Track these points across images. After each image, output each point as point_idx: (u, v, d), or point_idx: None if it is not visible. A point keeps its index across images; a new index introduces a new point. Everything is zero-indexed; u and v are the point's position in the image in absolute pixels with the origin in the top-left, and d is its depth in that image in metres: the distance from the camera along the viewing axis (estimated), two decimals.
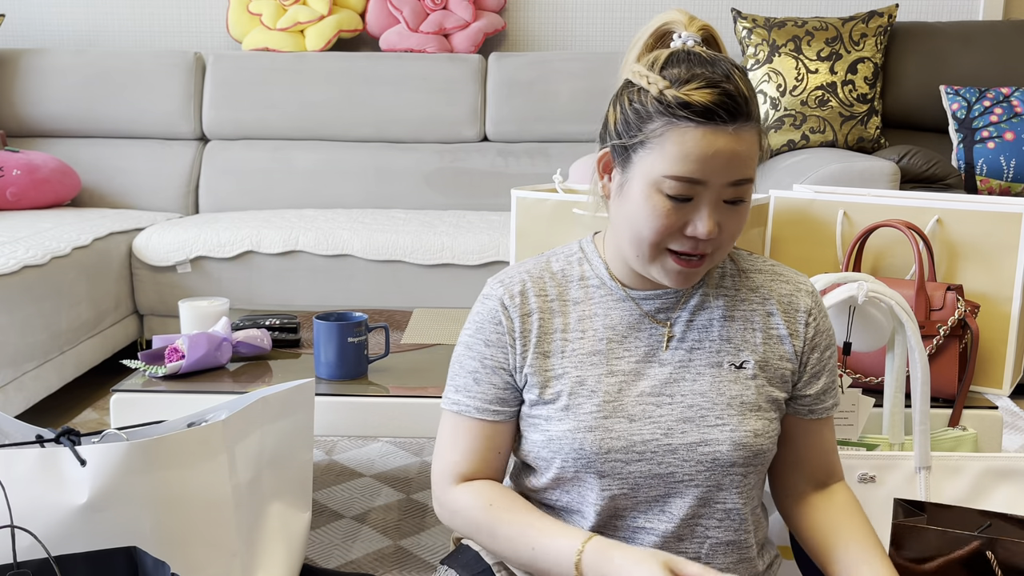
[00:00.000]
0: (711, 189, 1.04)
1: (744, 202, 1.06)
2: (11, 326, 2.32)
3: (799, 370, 1.16)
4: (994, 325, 1.71)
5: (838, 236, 1.82)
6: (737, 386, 1.12)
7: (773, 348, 1.14)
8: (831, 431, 1.21)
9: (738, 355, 1.13)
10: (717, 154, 1.02)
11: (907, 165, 2.87)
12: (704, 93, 1.01)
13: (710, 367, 1.12)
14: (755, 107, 1.06)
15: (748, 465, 1.11)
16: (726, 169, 1.03)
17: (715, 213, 1.05)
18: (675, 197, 1.04)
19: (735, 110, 1.02)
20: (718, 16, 3.67)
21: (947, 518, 1.20)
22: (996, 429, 1.63)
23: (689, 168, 1.02)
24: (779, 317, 1.15)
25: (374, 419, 1.71)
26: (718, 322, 1.14)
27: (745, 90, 1.04)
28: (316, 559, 1.84)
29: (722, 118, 1.01)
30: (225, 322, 1.84)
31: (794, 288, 1.16)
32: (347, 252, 2.85)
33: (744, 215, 1.07)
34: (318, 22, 3.52)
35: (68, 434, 1.29)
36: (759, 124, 1.07)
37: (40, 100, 3.48)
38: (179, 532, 1.29)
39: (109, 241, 2.84)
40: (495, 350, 1.15)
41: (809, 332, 1.16)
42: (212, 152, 3.50)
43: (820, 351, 1.17)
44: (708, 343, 1.13)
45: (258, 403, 1.42)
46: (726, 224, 1.06)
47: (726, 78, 1.03)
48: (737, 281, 1.16)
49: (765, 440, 1.12)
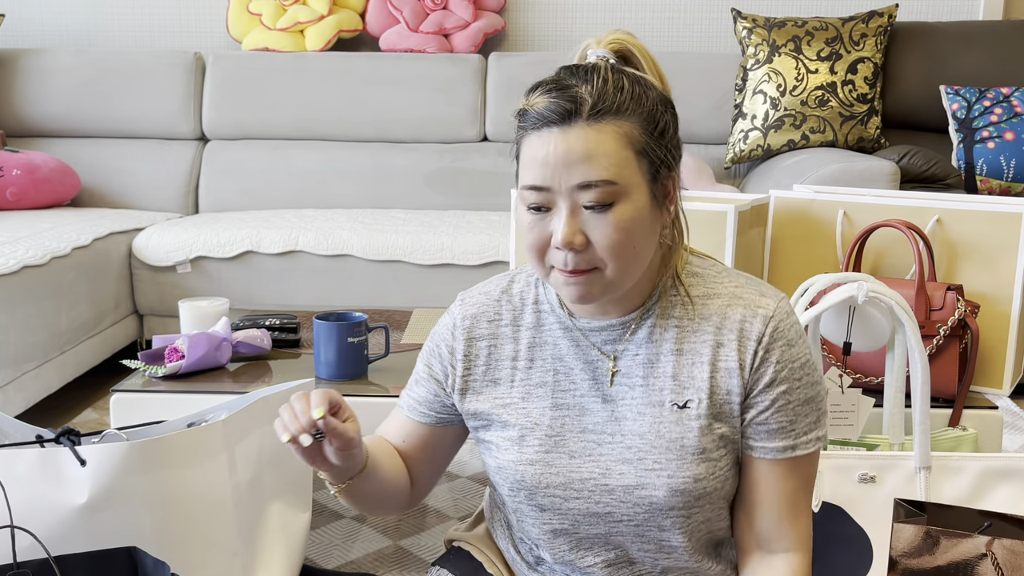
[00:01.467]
0: (561, 195, 0.99)
1: (611, 206, 0.98)
2: (11, 326, 2.32)
3: (743, 402, 1.06)
4: (994, 325, 1.71)
5: (838, 236, 1.82)
6: (679, 428, 1.05)
7: (721, 382, 1.06)
8: (785, 483, 1.07)
9: (682, 394, 1.06)
10: (551, 156, 0.98)
11: (907, 165, 2.87)
12: (540, 99, 1.00)
13: (651, 406, 1.06)
14: (618, 103, 0.99)
15: (690, 507, 1.06)
16: (566, 172, 0.98)
17: (573, 221, 0.99)
18: (532, 207, 1.01)
19: (567, 111, 0.98)
20: (718, 16, 3.67)
21: (947, 518, 1.20)
22: (996, 429, 1.63)
23: (532, 175, 1.00)
24: (730, 347, 1.05)
25: (374, 419, 1.70)
26: (665, 356, 1.07)
27: (597, 90, 0.99)
28: (316, 559, 1.84)
29: (553, 120, 0.99)
30: (225, 322, 1.84)
31: (750, 314, 1.05)
32: (347, 252, 2.85)
33: (620, 223, 0.99)
34: (318, 22, 3.52)
35: (68, 434, 1.29)
36: (633, 119, 1.00)
37: (40, 100, 3.47)
38: (179, 532, 1.29)
39: (109, 241, 2.84)
40: (436, 363, 1.17)
41: (756, 362, 1.05)
42: (212, 152, 3.50)
43: (771, 384, 1.05)
44: (652, 379, 1.07)
45: (258, 403, 1.42)
46: (594, 232, 0.99)
47: (577, 83, 1.00)
48: (690, 310, 1.08)
49: (710, 482, 1.06)
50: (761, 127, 3.18)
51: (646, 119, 1.01)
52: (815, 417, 1.08)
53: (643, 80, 1.03)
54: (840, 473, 1.43)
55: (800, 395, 1.06)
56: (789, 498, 1.08)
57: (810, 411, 1.07)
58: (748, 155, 3.22)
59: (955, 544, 1.14)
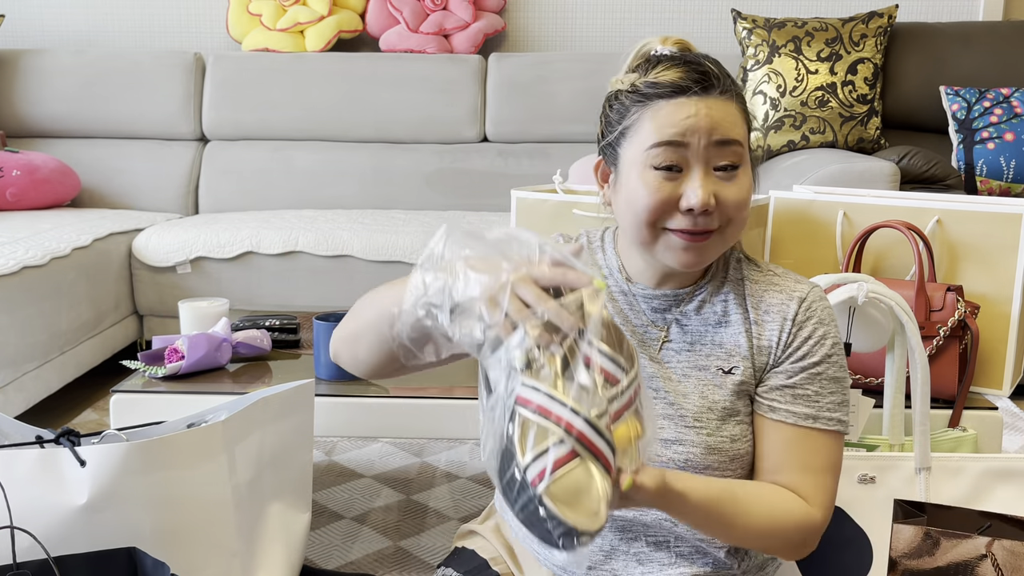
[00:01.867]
0: (696, 153, 1.04)
1: (737, 169, 1.06)
2: (11, 327, 2.32)
3: (769, 371, 1.12)
4: (994, 326, 1.71)
5: (838, 237, 1.82)
6: (722, 391, 1.11)
7: (757, 358, 1.12)
8: (804, 452, 1.09)
9: (728, 360, 1.11)
10: (692, 117, 1.04)
11: (907, 166, 2.87)
12: (672, 72, 1.06)
13: (696, 370, 1.12)
14: (733, 86, 1.07)
15: (724, 469, 1.10)
16: (706, 129, 1.04)
17: (707, 182, 1.05)
18: (663, 167, 1.05)
19: (706, 83, 1.05)
20: (718, 16, 3.67)
21: (947, 519, 1.20)
22: (996, 430, 1.63)
23: (668, 132, 1.04)
24: (767, 326, 1.12)
25: (374, 420, 1.71)
26: (712, 328, 1.13)
27: (718, 70, 1.06)
28: (316, 560, 1.84)
29: (693, 90, 1.04)
30: (225, 323, 1.84)
31: (786, 297, 1.12)
32: (347, 253, 2.85)
33: (742, 186, 1.07)
34: (318, 23, 3.52)
35: (68, 435, 1.29)
36: (740, 101, 1.08)
37: (40, 100, 3.47)
38: (179, 532, 1.29)
39: (109, 242, 2.84)
40: None
41: (789, 338, 1.11)
42: (212, 152, 3.50)
43: (801, 356, 1.10)
44: (700, 347, 1.13)
45: (258, 404, 1.42)
46: (722, 195, 1.05)
47: (696, 61, 1.07)
48: (735, 288, 1.15)
49: (742, 444, 1.11)
50: (761, 128, 3.18)
51: (744, 104, 1.10)
52: (840, 399, 1.11)
53: None
54: (840, 474, 1.43)
55: (828, 372, 1.11)
56: (809, 467, 1.09)
57: (835, 390, 1.11)
58: None
59: (955, 545, 1.14)
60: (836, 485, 1.11)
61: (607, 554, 1.15)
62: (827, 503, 1.09)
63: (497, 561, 1.23)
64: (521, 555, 1.22)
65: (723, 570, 1.14)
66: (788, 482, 1.09)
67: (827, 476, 1.10)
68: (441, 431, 1.71)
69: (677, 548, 1.13)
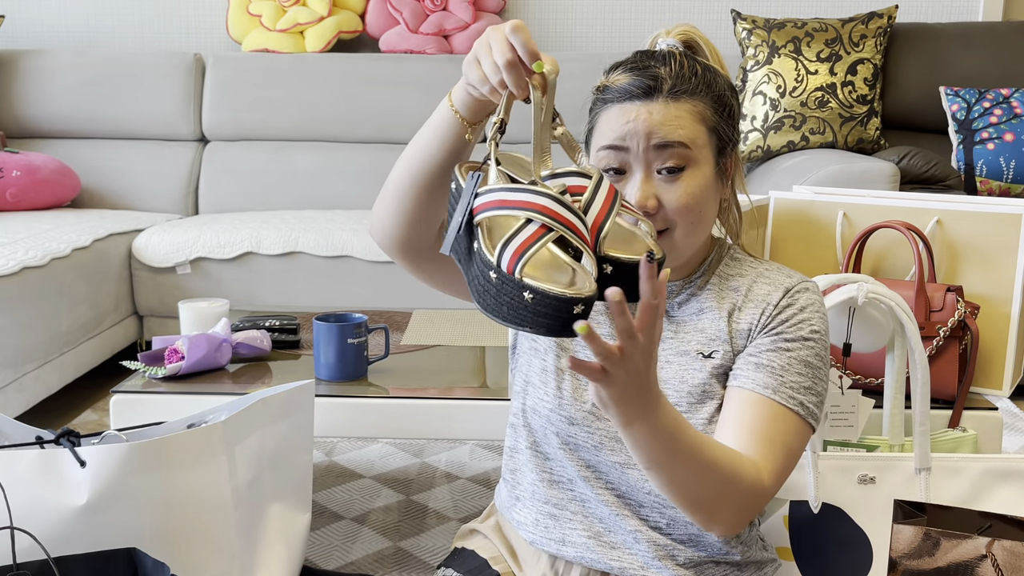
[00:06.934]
0: (636, 156, 1.08)
1: (682, 171, 1.09)
2: (11, 327, 2.32)
3: (745, 347, 1.13)
4: (994, 326, 1.71)
5: (838, 237, 1.82)
6: (700, 374, 1.13)
7: (737, 341, 1.14)
8: (759, 419, 1.07)
9: (708, 345, 1.14)
10: (632, 121, 1.08)
11: (907, 166, 2.87)
12: (623, 77, 1.11)
13: (678, 355, 1.14)
14: (696, 87, 1.09)
15: None
16: (644, 132, 1.08)
17: (646, 185, 1.08)
18: (609, 170, 1.10)
19: (650, 87, 1.09)
20: (718, 17, 3.68)
21: (947, 519, 1.20)
22: (996, 430, 1.63)
23: (609, 137, 1.10)
24: (749, 311, 1.14)
25: (374, 420, 1.71)
26: (695, 316, 1.16)
27: (676, 72, 1.09)
28: (316, 560, 1.84)
29: (636, 94, 1.09)
30: (225, 323, 1.84)
31: (772, 288, 1.14)
32: (347, 253, 2.85)
33: (688, 187, 1.09)
34: (318, 23, 3.52)
35: (68, 435, 1.29)
36: (709, 102, 1.10)
37: (40, 101, 3.47)
38: (179, 533, 1.29)
39: (109, 242, 2.84)
40: None
41: (767, 319, 1.12)
42: (212, 153, 3.50)
43: (774, 331, 1.11)
44: (682, 334, 1.16)
45: (258, 404, 1.42)
46: (665, 197, 1.09)
47: (657, 64, 1.10)
48: (725, 281, 1.18)
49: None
50: (761, 128, 3.18)
51: (716, 101, 1.11)
52: (807, 384, 1.09)
53: (712, 68, 1.13)
54: (840, 474, 1.43)
55: (799, 354, 1.10)
56: (762, 433, 1.06)
57: (805, 373, 1.10)
58: (748, 156, 3.22)
59: (955, 545, 1.14)
60: (788, 465, 1.08)
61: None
62: (776, 473, 1.06)
63: (497, 560, 1.23)
64: (521, 554, 1.23)
65: (719, 555, 1.16)
66: (739, 443, 1.06)
67: (779, 449, 1.07)
68: (441, 431, 1.71)
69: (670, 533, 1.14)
